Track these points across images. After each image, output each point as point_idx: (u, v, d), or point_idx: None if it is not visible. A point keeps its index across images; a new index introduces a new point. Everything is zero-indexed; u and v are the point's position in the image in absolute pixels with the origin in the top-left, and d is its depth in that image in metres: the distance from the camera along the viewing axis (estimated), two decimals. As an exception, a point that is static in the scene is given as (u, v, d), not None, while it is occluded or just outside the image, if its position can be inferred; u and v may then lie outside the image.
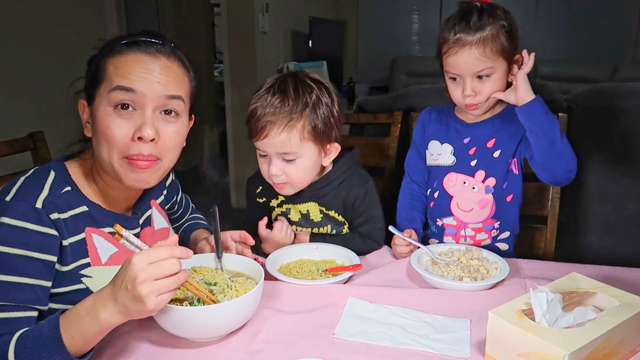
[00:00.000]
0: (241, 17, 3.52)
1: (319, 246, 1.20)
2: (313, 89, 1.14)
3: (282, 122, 1.11)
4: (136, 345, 0.87)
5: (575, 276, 0.91)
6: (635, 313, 0.79)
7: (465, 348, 0.85)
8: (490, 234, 1.33)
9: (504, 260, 1.12)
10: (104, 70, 0.89)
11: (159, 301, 0.74)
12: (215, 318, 0.84)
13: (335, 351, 0.85)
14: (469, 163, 1.30)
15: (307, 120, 1.12)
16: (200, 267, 0.99)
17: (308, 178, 1.20)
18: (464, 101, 1.23)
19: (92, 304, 0.76)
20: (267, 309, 0.97)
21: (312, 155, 1.17)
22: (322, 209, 1.26)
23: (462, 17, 1.19)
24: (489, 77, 1.19)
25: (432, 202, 1.37)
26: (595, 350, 0.73)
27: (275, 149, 1.14)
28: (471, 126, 1.32)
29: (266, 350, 0.85)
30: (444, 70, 1.25)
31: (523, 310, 0.79)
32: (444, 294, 1.03)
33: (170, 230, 1.13)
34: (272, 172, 1.16)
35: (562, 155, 1.16)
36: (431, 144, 1.37)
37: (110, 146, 0.88)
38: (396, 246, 1.21)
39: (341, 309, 0.97)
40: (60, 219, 0.87)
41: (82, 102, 0.93)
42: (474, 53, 1.16)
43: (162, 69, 0.90)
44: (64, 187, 0.90)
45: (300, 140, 1.13)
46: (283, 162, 1.16)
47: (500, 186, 1.30)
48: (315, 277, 1.10)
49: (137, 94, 0.87)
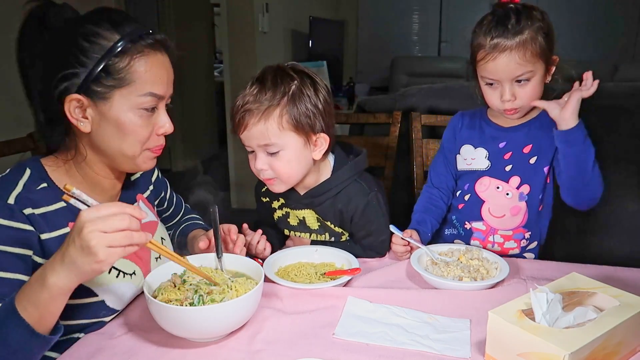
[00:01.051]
0: (241, 17, 3.52)
1: (318, 249, 1.20)
2: (294, 79, 1.11)
3: (259, 111, 1.08)
4: (136, 345, 0.87)
5: (575, 276, 0.91)
6: (635, 313, 0.79)
7: (465, 348, 0.85)
8: (519, 244, 1.30)
9: (504, 260, 1.12)
10: (130, 72, 0.87)
11: (111, 253, 0.72)
12: (215, 318, 0.84)
13: (335, 351, 0.84)
14: (504, 168, 1.27)
15: (285, 109, 1.09)
16: (201, 268, 0.99)
17: (297, 172, 1.15)
18: (503, 106, 1.18)
19: (41, 270, 0.76)
20: (267, 309, 0.97)
21: (296, 147, 1.12)
22: (318, 217, 1.24)
23: (498, 20, 1.14)
24: (528, 81, 1.15)
25: (462, 205, 1.33)
26: (595, 350, 0.73)
27: (256, 141, 1.11)
28: (507, 130, 1.28)
29: (266, 350, 0.85)
30: (479, 76, 1.21)
31: (523, 310, 0.79)
32: (443, 294, 1.03)
33: (159, 224, 1.12)
34: (257, 167, 1.13)
35: (590, 184, 1.16)
36: (464, 148, 1.33)
37: (137, 142, 0.93)
38: (394, 245, 1.20)
39: (341, 309, 0.97)
40: (35, 214, 0.87)
41: (73, 97, 0.86)
42: (514, 58, 1.12)
43: (168, 65, 0.94)
44: (40, 183, 0.91)
45: (278, 129, 1.09)
46: (267, 156, 1.12)
47: (535, 195, 1.26)
48: (313, 281, 1.09)
49: (161, 99, 0.93)
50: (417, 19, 5.51)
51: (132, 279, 0.98)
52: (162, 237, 1.11)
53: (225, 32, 3.57)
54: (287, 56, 4.09)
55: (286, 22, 4.08)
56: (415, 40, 5.57)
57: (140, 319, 0.95)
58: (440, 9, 5.42)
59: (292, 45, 4.22)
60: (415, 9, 5.49)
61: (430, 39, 5.51)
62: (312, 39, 4.14)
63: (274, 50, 3.88)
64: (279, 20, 3.89)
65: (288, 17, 4.12)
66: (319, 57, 3.96)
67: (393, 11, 5.49)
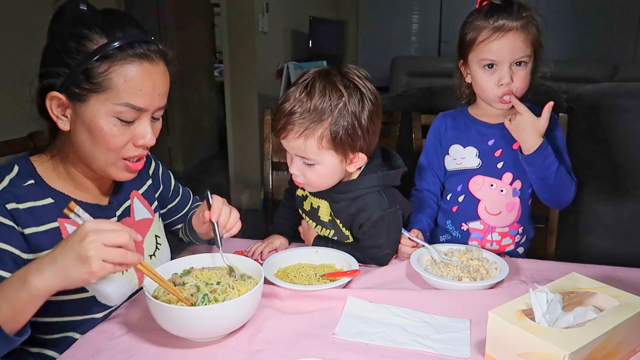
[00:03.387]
0: (241, 17, 3.52)
1: (318, 250, 1.19)
2: (342, 95, 1.06)
3: (300, 127, 1.07)
4: (136, 345, 0.87)
5: (575, 276, 0.91)
6: (635, 313, 0.79)
7: (465, 348, 0.85)
8: (514, 240, 1.32)
9: (504, 261, 1.12)
10: (107, 79, 0.85)
11: (103, 266, 0.74)
12: (215, 318, 0.84)
13: (335, 351, 0.85)
14: (496, 165, 1.28)
15: (327, 130, 1.06)
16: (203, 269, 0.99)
17: (327, 183, 1.16)
18: (499, 91, 1.20)
19: (24, 270, 0.76)
20: (267, 308, 0.97)
21: (332, 164, 1.11)
22: (331, 212, 1.23)
23: (498, 6, 1.18)
24: (526, 65, 1.19)
25: (456, 207, 1.34)
26: (595, 350, 0.73)
27: (294, 151, 1.12)
28: (495, 127, 1.29)
29: (266, 350, 0.85)
30: (473, 62, 1.21)
31: (523, 310, 0.79)
32: (443, 294, 1.03)
33: (155, 220, 1.12)
34: (292, 171, 1.16)
35: (556, 192, 1.24)
36: (452, 148, 1.34)
37: (109, 150, 0.90)
38: (402, 246, 1.20)
39: (341, 309, 0.97)
40: (19, 208, 0.87)
41: (54, 94, 0.87)
42: (519, 37, 1.16)
43: (160, 77, 0.90)
44: (27, 180, 0.91)
45: (317, 148, 1.08)
46: (303, 164, 1.13)
47: (525, 190, 1.29)
48: (313, 282, 1.08)
49: (142, 110, 0.89)
50: (417, 19, 5.52)
51: (123, 275, 0.99)
52: (156, 235, 1.11)
53: (225, 32, 3.57)
54: (287, 56, 4.09)
55: (286, 22, 4.08)
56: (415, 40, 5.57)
57: (140, 319, 0.95)
58: (440, 9, 5.42)
59: (292, 45, 4.22)
60: (415, 9, 5.50)
61: (430, 39, 5.51)
62: (312, 39, 4.14)
63: (274, 50, 3.89)
64: (279, 20, 3.89)
65: (288, 17, 4.12)
66: (319, 57, 3.95)
67: (393, 11, 5.50)
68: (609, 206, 1.97)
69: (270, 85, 3.75)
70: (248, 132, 3.64)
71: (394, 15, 5.50)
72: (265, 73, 3.69)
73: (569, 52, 5.07)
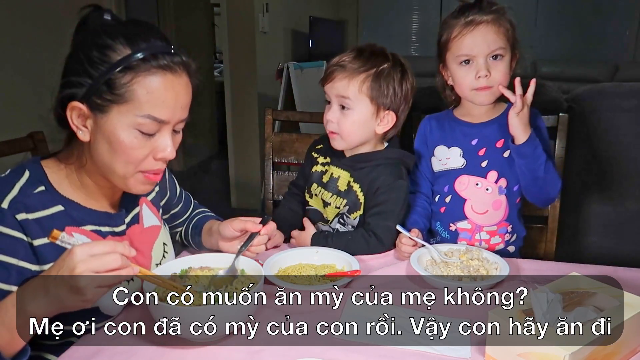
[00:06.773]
0: (241, 17, 3.52)
1: (319, 250, 1.19)
2: (388, 60, 1.24)
3: (348, 71, 1.22)
4: (136, 345, 0.87)
5: (575, 276, 0.91)
6: (635, 313, 0.79)
7: (465, 348, 0.85)
8: (503, 238, 1.33)
9: (504, 261, 1.12)
10: (129, 90, 0.84)
11: (98, 292, 0.73)
12: (215, 318, 0.84)
13: (335, 351, 0.84)
14: (480, 164, 1.29)
15: (369, 79, 1.21)
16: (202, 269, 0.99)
17: (357, 134, 1.26)
18: (477, 84, 1.22)
19: (20, 295, 0.75)
20: (267, 308, 0.97)
21: (365, 113, 1.23)
22: (350, 180, 1.30)
23: (468, 5, 1.22)
24: (503, 58, 1.21)
25: (444, 208, 1.34)
26: (595, 350, 0.73)
27: (336, 92, 1.23)
28: (477, 127, 1.30)
29: (266, 350, 0.85)
30: (451, 60, 1.25)
31: (523, 310, 0.79)
32: (443, 294, 1.03)
33: (162, 227, 1.11)
34: (327, 117, 1.26)
35: (543, 187, 1.25)
36: (437, 149, 1.35)
37: (128, 162, 0.88)
38: (402, 245, 1.19)
39: (341, 309, 0.97)
40: (29, 219, 0.86)
41: (75, 105, 0.85)
42: (491, 29, 1.19)
43: (183, 89, 0.89)
44: (38, 186, 0.89)
45: (357, 91, 1.22)
46: (339, 109, 1.24)
47: (512, 188, 1.29)
48: (313, 282, 1.08)
49: (164, 123, 0.88)
50: (417, 19, 5.52)
51: (129, 285, 0.97)
52: (164, 242, 1.10)
53: (225, 32, 3.57)
54: (287, 56, 4.09)
55: (286, 22, 4.08)
56: (415, 40, 5.58)
57: (140, 319, 0.95)
58: (440, 9, 5.43)
59: (292, 45, 4.22)
60: (415, 9, 5.50)
61: (430, 39, 5.50)
62: (312, 39, 4.14)
63: (274, 50, 3.89)
64: (279, 20, 3.89)
65: (288, 17, 4.12)
66: (319, 57, 3.96)
67: (393, 11, 5.50)
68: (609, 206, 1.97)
69: (270, 85, 3.75)
70: (248, 132, 3.64)
71: (394, 15, 5.50)
72: (265, 73, 3.69)
73: (569, 52, 5.08)
